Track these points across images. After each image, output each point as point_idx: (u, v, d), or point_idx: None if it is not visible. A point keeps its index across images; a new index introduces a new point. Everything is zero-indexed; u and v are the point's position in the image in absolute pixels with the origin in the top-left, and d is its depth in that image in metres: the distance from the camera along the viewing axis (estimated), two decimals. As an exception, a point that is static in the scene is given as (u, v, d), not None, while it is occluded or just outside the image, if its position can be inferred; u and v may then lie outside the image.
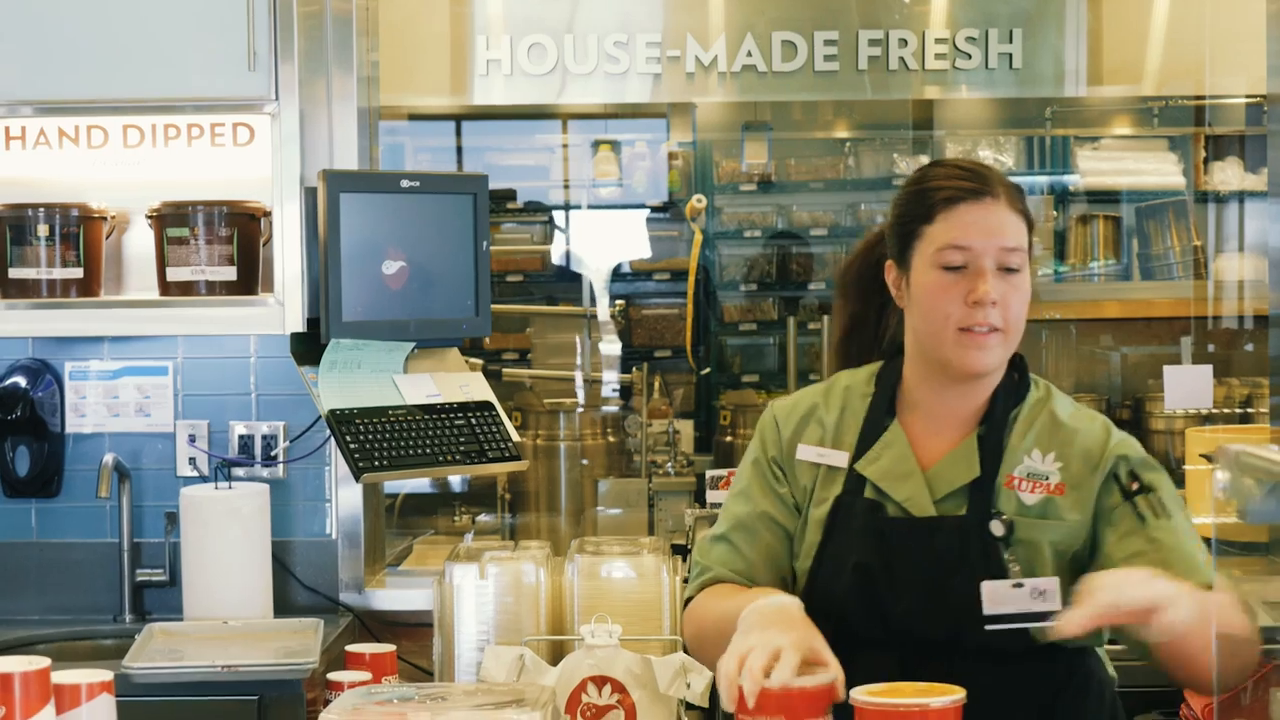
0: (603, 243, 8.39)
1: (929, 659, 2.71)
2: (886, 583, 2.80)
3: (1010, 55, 6.46)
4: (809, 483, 2.94)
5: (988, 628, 2.68)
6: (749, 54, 6.48)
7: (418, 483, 5.65)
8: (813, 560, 2.88)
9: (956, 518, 2.81)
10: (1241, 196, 7.18)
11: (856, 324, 3.14)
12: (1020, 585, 2.69)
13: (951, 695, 2.18)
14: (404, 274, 4.27)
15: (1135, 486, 2.81)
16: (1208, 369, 4.37)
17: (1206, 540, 2.81)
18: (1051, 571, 2.76)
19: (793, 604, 2.62)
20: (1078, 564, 2.79)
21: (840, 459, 2.91)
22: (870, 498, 2.87)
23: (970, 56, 6.46)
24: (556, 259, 8.10)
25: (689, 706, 3.44)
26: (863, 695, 2.20)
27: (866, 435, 2.92)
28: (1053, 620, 2.54)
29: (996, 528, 2.77)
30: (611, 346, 7.89)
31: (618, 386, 7.32)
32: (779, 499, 2.96)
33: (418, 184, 4.32)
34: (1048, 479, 2.82)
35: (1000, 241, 2.78)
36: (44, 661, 1.92)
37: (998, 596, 2.69)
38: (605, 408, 6.76)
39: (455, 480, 5.90)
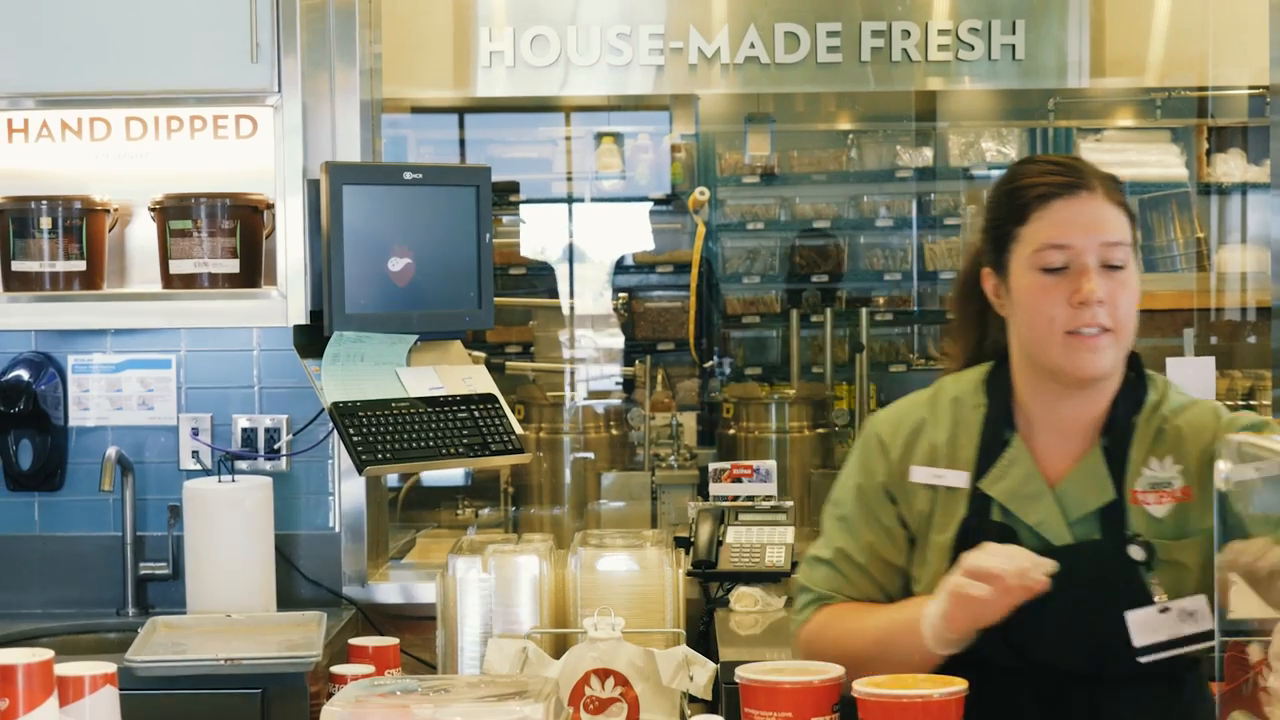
0: (605, 235, 8.38)
1: (1069, 690, 2.62)
2: (1026, 616, 2.55)
3: (1013, 46, 6.46)
4: (926, 507, 2.78)
5: (1142, 660, 2.59)
6: (752, 45, 6.48)
7: (421, 476, 5.65)
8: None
9: (1093, 544, 2.66)
10: (1244, 188, 7.17)
11: (965, 338, 2.96)
12: (1167, 610, 2.58)
13: (953, 687, 2.18)
14: (410, 270, 4.27)
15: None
16: (1210, 360, 4.36)
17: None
18: (1199, 588, 2.62)
19: None
20: None
21: (960, 479, 2.75)
22: (999, 521, 2.71)
23: (973, 48, 6.46)
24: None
25: (692, 699, 3.44)
26: (865, 687, 2.20)
27: (987, 451, 2.75)
28: (1205, 642, 2.49)
29: (1136, 552, 2.64)
30: (613, 339, 7.89)
31: (620, 379, 7.33)
32: (886, 533, 2.81)
33: (421, 176, 4.31)
34: (1171, 485, 2.68)
35: (1101, 236, 2.63)
36: (47, 653, 1.92)
37: (1146, 625, 2.58)
38: (607, 401, 6.77)
39: (458, 473, 5.90)
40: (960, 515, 2.72)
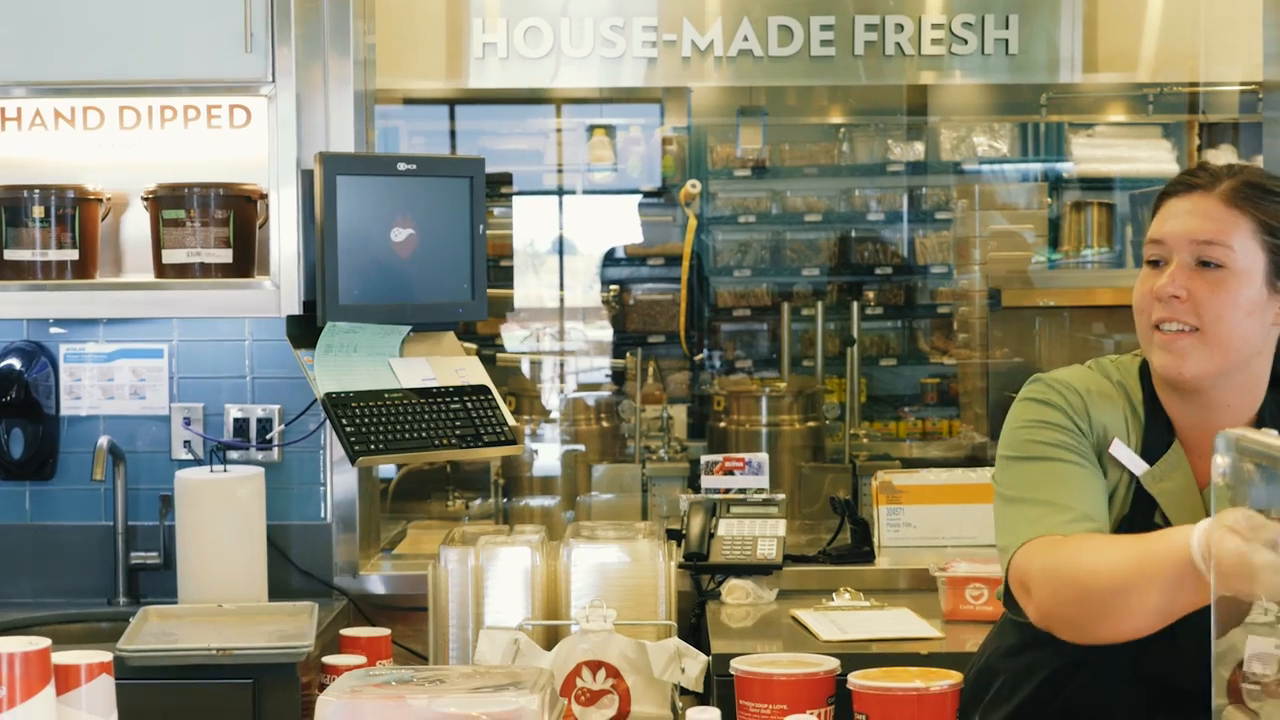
0: (596, 228, 8.39)
1: (1182, 704, 2.52)
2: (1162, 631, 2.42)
3: (1006, 41, 6.46)
4: (1111, 485, 2.67)
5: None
6: (745, 39, 6.48)
7: (411, 467, 5.65)
8: None
9: None
10: (1235, 184, 7.17)
11: None
12: None
13: (949, 680, 2.18)
14: (413, 241, 4.28)
15: None
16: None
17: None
18: None
19: None
20: None
21: (1142, 467, 2.65)
22: (1159, 523, 2.59)
23: (966, 42, 6.46)
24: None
25: (684, 691, 3.45)
26: (860, 680, 2.20)
27: (1150, 447, 2.67)
28: None
29: None
30: (603, 332, 7.90)
31: (609, 372, 7.34)
32: (1093, 473, 2.64)
33: (415, 167, 4.32)
34: None
35: (1195, 234, 2.58)
36: (44, 642, 1.92)
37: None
38: (598, 394, 6.77)
39: (449, 465, 5.90)
40: (1121, 509, 2.65)
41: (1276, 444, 1.87)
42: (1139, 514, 2.62)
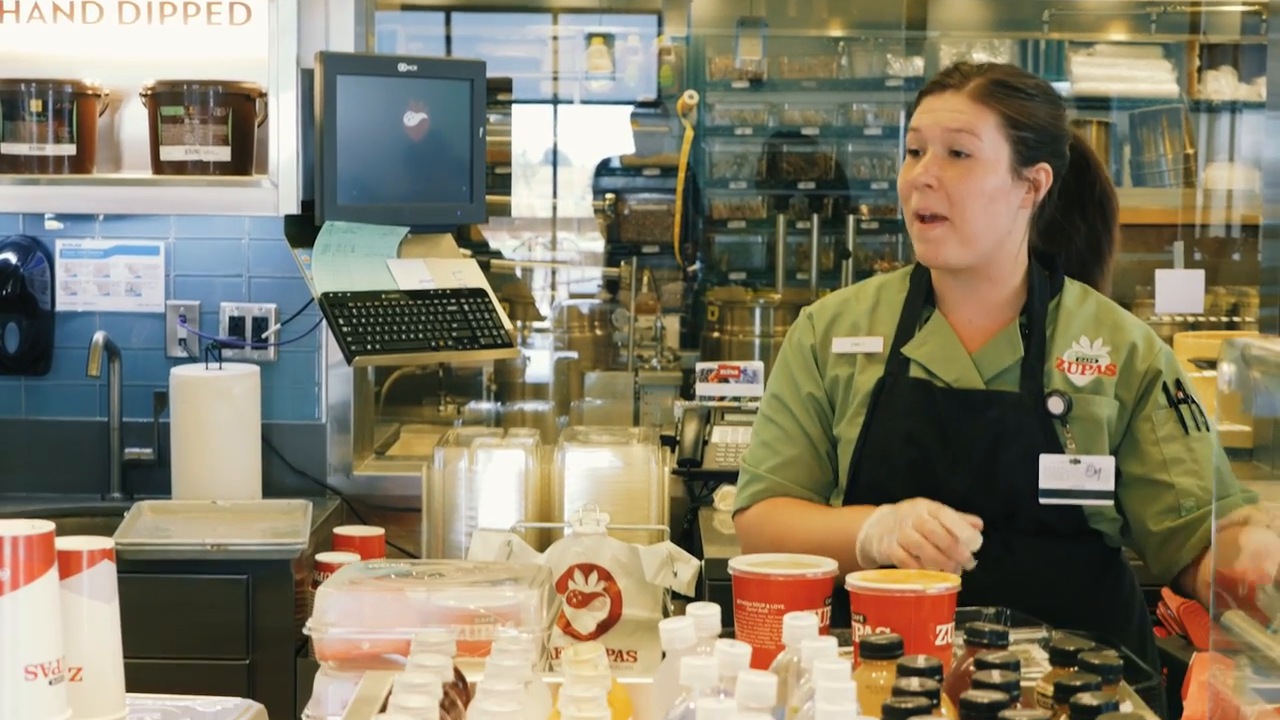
0: (590, 138, 8.35)
1: (982, 535, 2.71)
2: (942, 457, 2.84)
3: (1008, -45, 6.42)
4: (846, 372, 2.96)
5: (1042, 500, 2.76)
6: (745, -52, 6.44)
7: (404, 371, 5.65)
8: (859, 435, 2.91)
9: (1015, 393, 2.84)
10: (1234, 106, 7.16)
11: None
12: (1078, 462, 2.75)
13: (946, 582, 2.20)
14: (425, 125, 4.27)
15: (1181, 395, 2.87)
16: (1199, 274, 4.36)
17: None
18: (1106, 450, 2.82)
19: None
20: (1112, 447, 2.85)
21: (876, 344, 2.94)
22: (916, 377, 2.89)
23: (968, -44, 6.42)
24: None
25: (675, 596, 3.46)
26: (858, 581, 2.21)
27: (906, 325, 2.94)
28: (1103, 500, 2.72)
29: (1055, 404, 2.82)
30: (594, 243, 7.88)
31: (601, 281, 7.33)
32: (814, 403, 2.98)
33: (415, 69, 4.30)
34: (1098, 361, 2.86)
35: (946, 124, 2.81)
36: (48, 525, 1.92)
37: (1055, 472, 2.75)
38: (593, 301, 6.77)
39: (441, 370, 5.91)
40: (878, 375, 2.92)
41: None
42: (892, 374, 2.90)
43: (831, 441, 2.97)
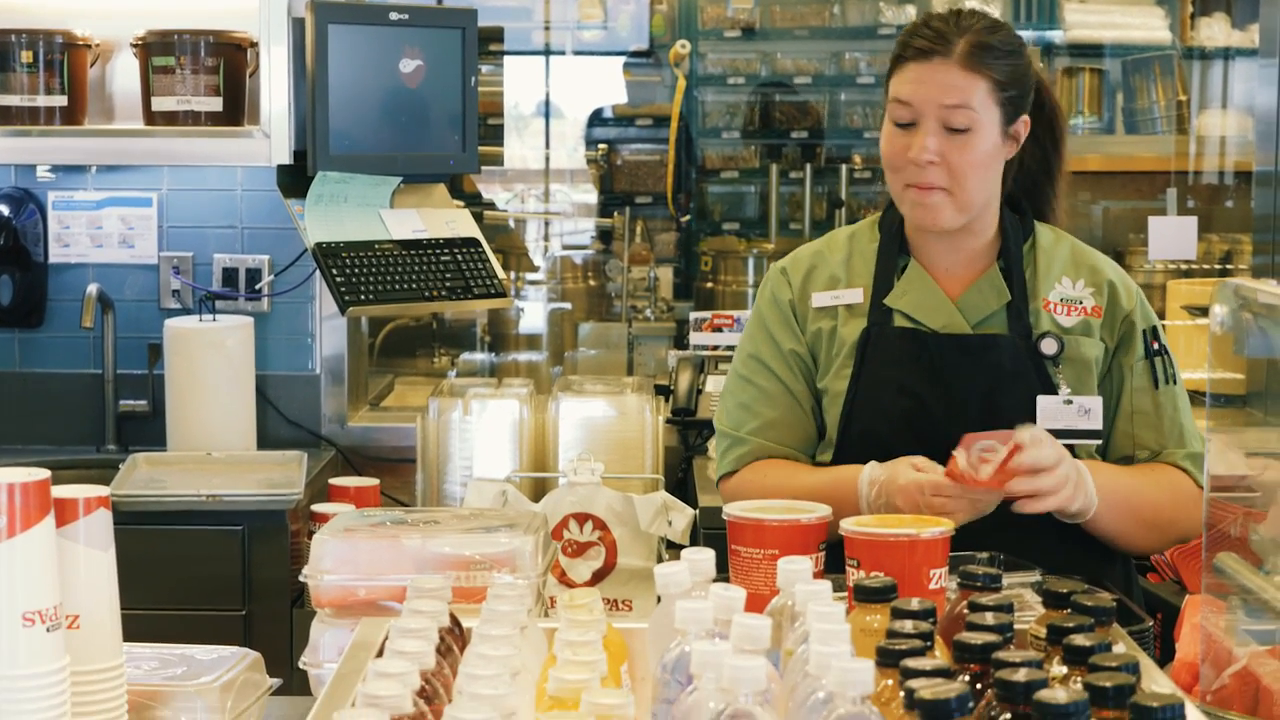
0: (582, 89, 8.32)
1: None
2: (938, 404, 2.84)
3: (1002, -98, 6.40)
4: (829, 326, 2.94)
5: None
6: (739, -107, 6.40)
7: (397, 323, 5.64)
8: (849, 387, 2.90)
9: (1008, 336, 2.86)
10: (1227, 53, 7.14)
11: None
12: (1070, 402, 2.80)
13: (940, 526, 2.20)
14: (420, 72, 4.26)
15: (1156, 346, 2.90)
16: (1192, 220, 4.37)
17: (1197, 394, 2.88)
18: (1094, 390, 2.85)
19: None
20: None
21: (856, 295, 2.93)
22: (903, 326, 2.89)
23: (961, -98, 6.39)
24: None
25: (670, 544, 3.47)
26: (852, 525, 2.22)
27: (884, 275, 2.93)
28: (1093, 440, 2.79)
29: (1049, 345, 2.84)
30: (587, 195, 7.87)
31: (594, 234, 7.32)
32: (795, 358, 2.96)
33: (407, 17, 4.29)
34: (1082, 303, 2.89)
35: (941, 99, 2.79)
36: (44, 473, 1.92)
37: (1050, 413, 2.79)
38: (586, 252, 6.76)
39: (435, 321, 5.90)
40: (862, 326, 2.91)
41: (1276, 291, 1.88)
42: (877, 324, 2.90)
43: (816, 397, 2.96)
